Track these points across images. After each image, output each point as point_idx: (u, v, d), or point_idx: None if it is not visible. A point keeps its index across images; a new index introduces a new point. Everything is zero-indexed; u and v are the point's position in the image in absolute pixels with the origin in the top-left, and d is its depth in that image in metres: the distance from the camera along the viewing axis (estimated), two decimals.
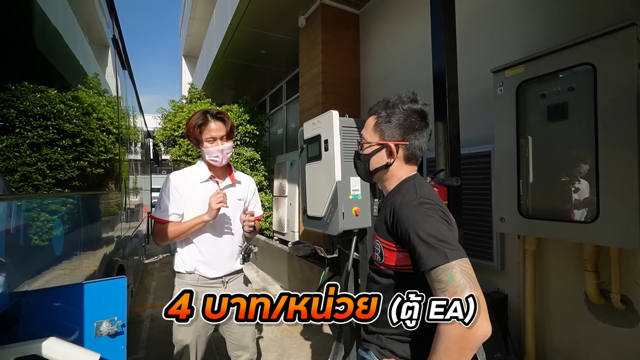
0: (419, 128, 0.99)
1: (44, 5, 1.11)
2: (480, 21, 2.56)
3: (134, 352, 2.78)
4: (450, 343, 0.75)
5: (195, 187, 1.58)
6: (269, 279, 4.95)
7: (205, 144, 1.55)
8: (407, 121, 0.98)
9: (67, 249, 1.25)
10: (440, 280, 0.77)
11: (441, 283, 0.77)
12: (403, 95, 1.01)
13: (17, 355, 0.75)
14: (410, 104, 0.99)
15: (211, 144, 1.55)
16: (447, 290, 0.76)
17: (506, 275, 2.30)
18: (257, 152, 6.16)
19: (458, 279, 0.76)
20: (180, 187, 1.56)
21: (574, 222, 1.72)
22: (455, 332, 0.74)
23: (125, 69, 2.97)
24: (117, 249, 2.33)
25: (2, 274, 0.76)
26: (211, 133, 1.54)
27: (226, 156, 1.59)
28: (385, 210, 0.97)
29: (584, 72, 1.66)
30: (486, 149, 2.32)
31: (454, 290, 0.75)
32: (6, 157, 0.88)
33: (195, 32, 12.70)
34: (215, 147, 1.54)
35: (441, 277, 0.77)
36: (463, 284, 0.75)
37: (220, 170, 1.66)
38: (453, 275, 0.76)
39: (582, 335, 1.93)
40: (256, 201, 1.83)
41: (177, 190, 1.55)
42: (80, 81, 1.54)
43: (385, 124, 1.00)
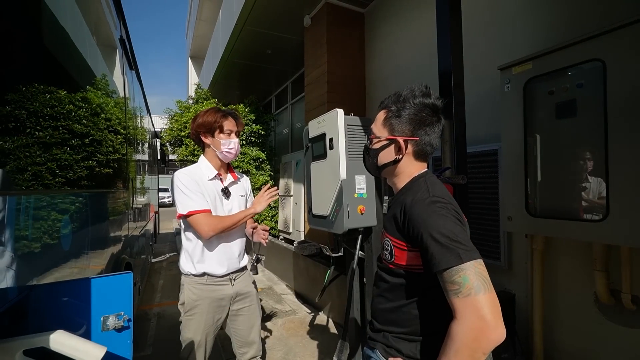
0: (430, 123, 0.96)
1: (54, 7, 1.13)
2: (487, 18, 2.54)
3: (141, 349, 2.80)
4: (461, 345, 0.72)
5: (204, 184, 1.60)
6: (275, 278, 4.96)
7: (222, 135, 1.61)
8: (418, 116, 0.94)
9: (76, 246, 1.27)
10: (454, 282, 0.74)
11: (454, 284, 0.74)
12: (415, 88, 0.97)
13: (25, 347, 0.76)
14: (422, 97, 0.95)
15: (229, 136, 1.62)
16: (461, 292, 0.73)
17: (513, 275, 2.28)
18: (263, 152, 6.18)
19: (472, 281, 0.73)
20: (197, 182, 1.58)
21: (583, 220, 1.69)
22: (468, 334, 0.71)
23: (133, 70, 3.01)
24: (125, 247, 2.36)
25: (11, 268, 0.78)
26: (229, 126, 1.62)
27: (238, 150, 1.67)
28: (396, 208, 0.94)
29: (593, 69, 1.63)
30: (493, 147, 2.30)
31: (468, 292, 0.72)
32: (17, 156, 0.90)
33: (201, 33, 12.81)
34: (231, 139, 1.62)
35: (454, 278, 0.74)
36: (477, 286, 0.73)
37: (223, 167, 1.69)
38: (467, 277, 0.73)
39: (592, 335, 1.90)
40: (252, 197, 1.85)
41: (196, 183, 1.57)
42: (88, 82, 1.56)
43: (395, 118, 0.96)
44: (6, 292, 0.75)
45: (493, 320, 0.71)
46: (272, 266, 5.22)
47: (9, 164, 0.85)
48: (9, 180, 0.85)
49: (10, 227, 0.79)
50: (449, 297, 0.76)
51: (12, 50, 0.91)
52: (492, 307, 0.72)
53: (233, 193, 1.68)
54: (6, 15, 0.88)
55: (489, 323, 0.70)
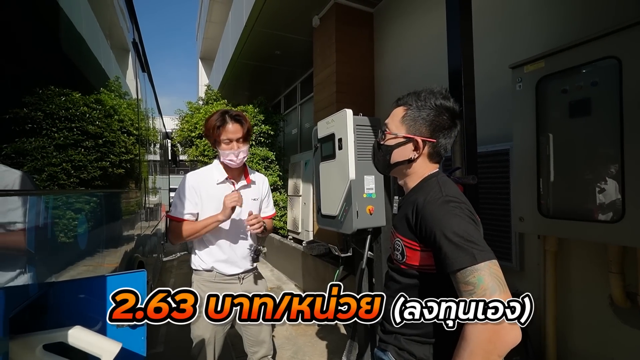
0: (448, 127, 0.95)
1: (69, 12, 1.16)
2: (498, 15, 2.51)
3: (153, 346, 2.85)
4: (476, 347, 0.70)
5: (212, 188, 1.61)
6: (284, 277, 4.99)
7: (222, 145, 1.56)
8: (439, 118, 0.93)
9: (91, 245, 1.30)
10: (468, 282, 0.73)
11: (469, 285, 0.73)
12: (435, 89, 0.96)
13: (45, 342, 0.79)
14: (442, 100, 0.94)
15: (227, 146, 1.55)
16: (475, 292, 0.72)
17: (525, 277, 2.24)
18: (272, 152, 6.22)
19: (487, 282, 0.72)
20: (198, 187, 1.59)
21: (597, 221, 1.65)
22: (484, 335, 0.70)
23: (145, 72, 3.06)
24: (138, 246, 2.40)
25: (32, 266, 0.81)
26: (228, 135, 1.54)
27: (241, 159, 1.59)
28: (407, 208, 0.93)
29: (608, 66, 1.60)
30: (504, 147, 2.27)
31: (483, 293, 0.71)
32: (34, 157, 0.93)
33: (211, 35, 12.93)
34: (230, 150, 1.55)
35: (468, 279, 0.73)
36: (492, 287, 0.72)
37: (236, 171, 1.68)
38: (482, 278, 0.72)
39: (607, 339, 1.86)
40: (269, 200, 1.84)
41: (194, 189, 1.58)
42: (102, 84, 1.60)
43: (415, 117, 0.94)
44: (27, 289, 0.77)
45: (509, 322, 0.70)
46: (281, 266, 5.25)
47: (26, 165, 0.88)
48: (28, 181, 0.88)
49: (31, 227, 0.82)
50: (463, 298, 0.75)
51: (32, 54, 0.94)
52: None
53: (244, 197, 1.65)
54: (27, 22, 0.91)
55: (505, 324, 0.69)
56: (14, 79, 0.86)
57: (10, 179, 0.78)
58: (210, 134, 1.57)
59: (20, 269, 0.75)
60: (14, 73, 0.86)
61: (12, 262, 0.72)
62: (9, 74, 0.84)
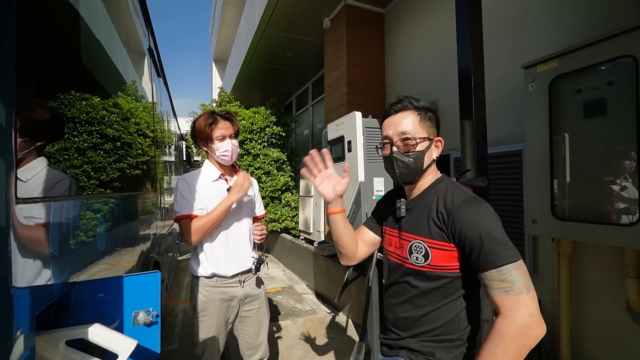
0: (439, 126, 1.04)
1: (90, 21, 1.21)
2: (508, 15, 2.47)
3: (169, 343, 2.93)
4: (511, 341, 0.74)
5: (208, 186, 1.61)
6: (295, 277, 5.03)
7: (216, 141, 1.60)
8: (437, 118, 1.02)
9: (110, 245, 1.36)
10: (505, 280, 0.76)
11: (505, 282, 0.76)
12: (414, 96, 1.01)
13: (68, 339, 0.83)
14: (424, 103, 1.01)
15: (221, 141, 1.60)
16: (512, 290, 0.76)
17: (539, 280, 2.20)
18: (284, 153, 6.27)
19: (523, 280, 0.76)
20: (196, 186, 1.59)
21: (613, 224, 1.61)
22: (518, 330, 0.74)
23: (160, 77, 3.15)
24: (153, 246, 2.47)
25: (56, 266, 0.86)
26: (221, 131, 1.59)
27: (236, 152, 1.64)
28: (425, 209, 0.94)
29: (624, 65, 1.56)
30: (517, 148, 2.23)
31: (520, 290, 0.75)
32: (57, 160, 0.98)
33: (224, 38, 13.12)
34: (225, 141, 1.60)
35: (506, 276, 0.76)
36: (528, 285, 0.76)
37: (227, 169, 1.70)
38: (519, 276, 0.76)
39: (623, 344, 1.81)
40: (259, 198, 1.85)
41: (194, 187, 1.59)
42: (119, 89, 1.66)
43: (428, 120, 0.98)
44: (52, 288, 0.82)
45: (539, 318, 0.75)
46: (293, 266, 5.29)
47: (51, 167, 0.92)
48: (75, 186, 0.93)
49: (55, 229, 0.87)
50: (495, 295, 0.78)
51: (54, 61, 1.00)
52: (537, 305, 0.76)
53: None
54: (51, 32, 0.96)
55: (537, 320, 0.74)
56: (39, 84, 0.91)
57: (66, 185, 0.84)
58: (202, 131, 1.60)
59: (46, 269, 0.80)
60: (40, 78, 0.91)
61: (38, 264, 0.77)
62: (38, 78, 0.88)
